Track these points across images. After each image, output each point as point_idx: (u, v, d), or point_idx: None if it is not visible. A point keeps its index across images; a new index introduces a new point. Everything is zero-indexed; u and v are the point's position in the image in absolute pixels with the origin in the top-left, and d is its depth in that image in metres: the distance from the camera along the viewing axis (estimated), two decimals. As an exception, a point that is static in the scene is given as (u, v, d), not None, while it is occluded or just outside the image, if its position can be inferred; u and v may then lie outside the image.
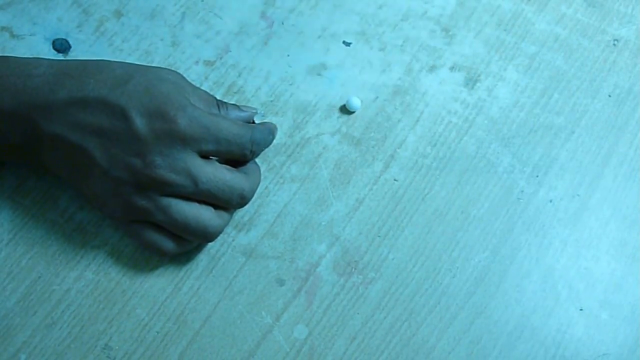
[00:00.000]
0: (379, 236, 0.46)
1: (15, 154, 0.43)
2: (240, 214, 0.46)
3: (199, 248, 0.45)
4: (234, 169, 0.43)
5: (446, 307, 0.45)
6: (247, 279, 0.45)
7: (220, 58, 0.51)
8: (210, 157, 0.43)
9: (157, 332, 0.43)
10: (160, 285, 0.44)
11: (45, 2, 0.51)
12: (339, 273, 0.45)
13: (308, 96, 0.50)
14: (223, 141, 0.41)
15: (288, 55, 0.52)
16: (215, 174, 0.41)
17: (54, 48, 0.50)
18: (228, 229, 0.46)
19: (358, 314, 0.44)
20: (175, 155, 0.40)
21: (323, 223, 0.47)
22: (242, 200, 0.43)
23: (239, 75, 0.51)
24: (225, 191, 0.42)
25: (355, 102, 0.50)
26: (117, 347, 0.42)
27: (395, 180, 0.48)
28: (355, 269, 0.45)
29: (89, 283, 0.43)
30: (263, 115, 0.49)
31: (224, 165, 0.43)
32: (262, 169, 0.48)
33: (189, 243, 0.43)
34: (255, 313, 0.44)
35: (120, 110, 0.39)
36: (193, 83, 0.50)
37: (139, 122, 0.39)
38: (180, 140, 0.40)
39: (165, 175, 0.40)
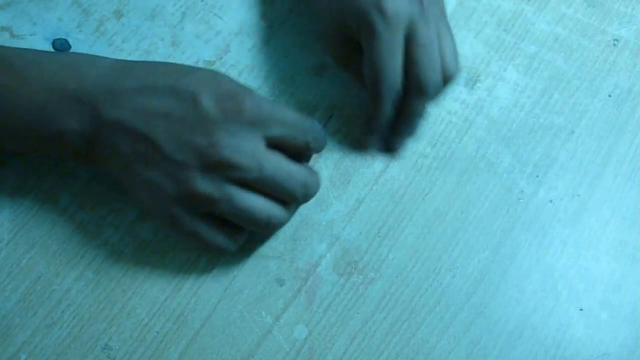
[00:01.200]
0: (379, 236, 0.46)
1: (63, 143, 0.41)
2: (240, 214, 0.46)
3: (198, 248, 0.45)
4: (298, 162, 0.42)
5: (446, 307, 0.45)
6: (247, 279, 0.45)
7: (220, 58, 0.51)
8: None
9: (157, 332, 0.43)
10: (160, 285, 0.44)
11: (45, 2, 0.51)
12: (339, 273, 0.45)
13: (308, 96, 0.50)
14: (289, 125, 0.41)
15: (288, 56, 0.52)
16: (280, 162, 0.41)
17: (54, 48, 0.50)
18: (228, 229, 0.46)
19: (358, 314, 0.44)
20: (243, 136, 0.39)
21: (323, 223, 0.47)
22: (306, 191, 0.42)
23: (239, 75, 0.51)
24: (290, 181, 0.41)
25: None
26: (117, 347, 0.42)
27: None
28: (355, 269, 0.45)
29: (89, 283, 0.43)
30: None
31: (287, 157, 0.42)
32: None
33: (243, 236, 0.43)
34: (255, 313, 0.44)
35: (190, 94, 0.39)
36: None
37: (208, 103, 0.39)
38: (249, 121, 0.39)
39: (231, 155, 0.39)
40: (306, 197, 0.42)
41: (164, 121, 0.39)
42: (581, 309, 0.46)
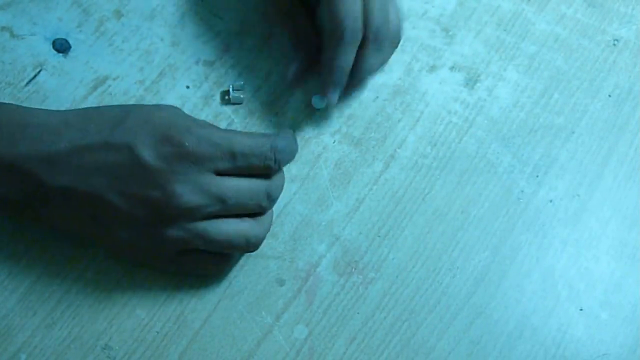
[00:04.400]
0: (379, 236, 0.46)
1: (9, 210, 0.41)
2: (240, 214, 0.46)
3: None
4: (252, 177, 0.41)
5: (446, 307, 0.45)
6: (247, 279, 0.45)
7: (220, 58, 0.51)
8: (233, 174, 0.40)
9: (157, 332, 0.43)
10: (160, 285, 0.44)
11: (45, 2, 0.51)
12: (339, 273, 0.45)
13: (308, 96, 0.50)
14: (239, 155, 0.39)
15: (288, 56, 0.52)
16: (238, 185, 0.40)
17: (54, 48, 0.50)
18: (228, 229, 0.46)
19: (358, 314, 0.44)
20: (193, 179, 0.38)
21: (323, 223, 0.47)
22: (270, 199, 0.41)
23: (239, 75, 0.51)
24: (253, 197, 0.40)
25: (318, 101, 0.48)
26: (117, 347, 0.42)
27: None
28: (355, 269, 0.45)
29: (89, 283, 0.43)
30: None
31: (241, 176, 0.40)
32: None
33: (232, 258, 0.43)
34: (255, 313, 0.44)
35: (126, 147, 0.38)
36: (193, 83, 0.50)
37: (147, 154, 0.37)
38: (193, 162, 0.38)
39: (189, 201, 0.38)
40: (272, 202, 0.42)
41: (110, 180, 0.38)
42: (581, 309, 0.46)
